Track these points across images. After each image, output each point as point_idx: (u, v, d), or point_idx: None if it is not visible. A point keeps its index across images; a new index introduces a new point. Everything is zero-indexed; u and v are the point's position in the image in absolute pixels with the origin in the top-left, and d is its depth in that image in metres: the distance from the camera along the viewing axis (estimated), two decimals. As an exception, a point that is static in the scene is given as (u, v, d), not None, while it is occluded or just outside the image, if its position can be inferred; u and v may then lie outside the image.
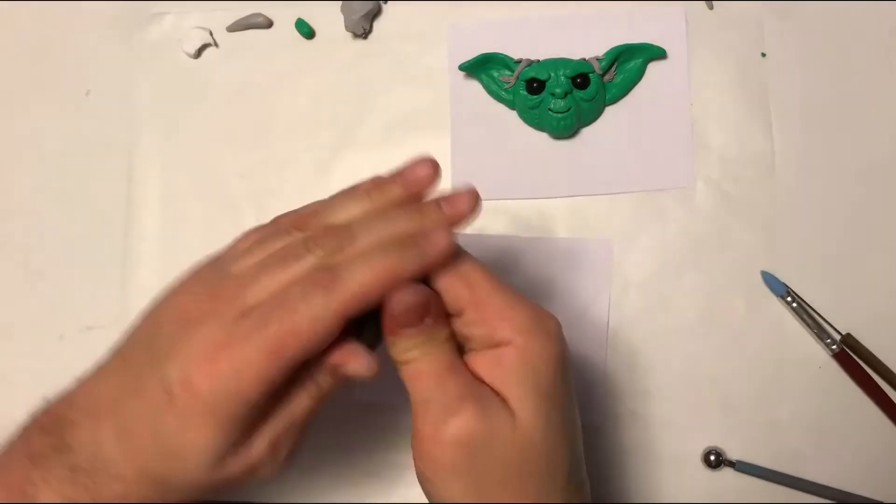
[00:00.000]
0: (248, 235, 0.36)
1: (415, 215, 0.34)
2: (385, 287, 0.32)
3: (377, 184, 0.36)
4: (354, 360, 0.33)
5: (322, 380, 0.34)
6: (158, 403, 0.32)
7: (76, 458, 0.32)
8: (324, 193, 0.51)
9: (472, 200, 0.34)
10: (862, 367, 0.47)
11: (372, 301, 0.32)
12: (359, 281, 0.32)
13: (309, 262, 0.33)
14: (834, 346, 0.47)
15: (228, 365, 0.31)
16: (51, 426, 0.34)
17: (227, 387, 0.31)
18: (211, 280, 0.34)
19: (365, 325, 0.34)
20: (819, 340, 0.47)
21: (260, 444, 0.33)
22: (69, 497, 0.32)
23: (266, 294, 0.32)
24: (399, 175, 0.36)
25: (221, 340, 0.31)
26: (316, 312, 0.31)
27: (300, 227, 0.35)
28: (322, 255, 0.33)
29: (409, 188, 0.35)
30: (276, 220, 0.37)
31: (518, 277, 0.49)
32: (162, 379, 0.32)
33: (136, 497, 0.32)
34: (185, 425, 0.31)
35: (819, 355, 0.48)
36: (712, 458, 0.46)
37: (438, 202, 0.35)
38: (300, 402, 0.34)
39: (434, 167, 0.35)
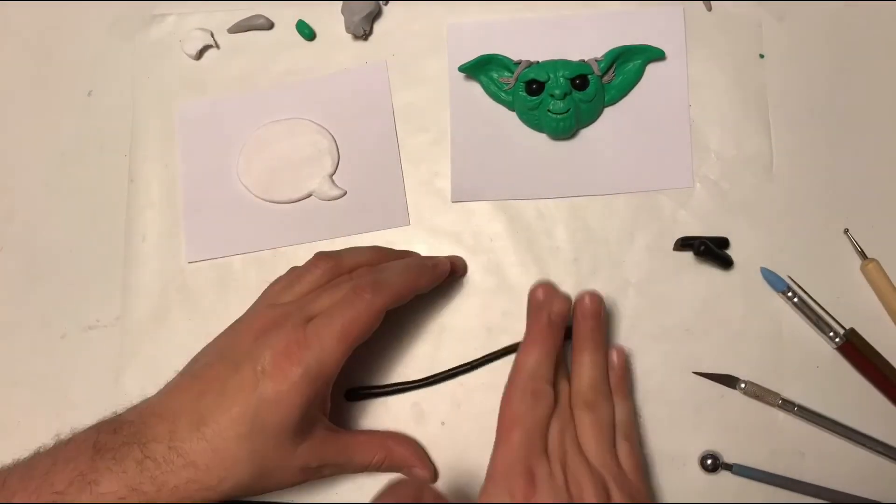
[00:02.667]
0: (278, 280, 0.46)
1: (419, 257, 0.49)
2: (412, 290, 0.44)
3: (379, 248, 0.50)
4: (423, 469, 0.46)
5: (385, 462, 0.45)
6: (248, 388, 0.39)
7: (147, 451, 0.39)
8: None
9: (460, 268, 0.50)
10: (868, 359, 0.47)
11: (404, 300, 0.44)
12: (396, 285, 0.43)
13: (349, 284, 0.43)
14: (837, 339, 0.47)
15: (309, 353, 0.40)
16: (120, 427, 0.40)
17: (309, 369, 0.39)
18: (272, 307, 0.44)
19: None
20: (822, 334, 0.47)
21: (321, 451, 0.42)
22: (133, 485, 0.38)
23: (325, 306, 0.42)
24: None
25: (299, 338, 0.40)
26: (368, 305, 0.41)
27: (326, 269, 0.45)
28: (362, 282, 0.43)
29: None
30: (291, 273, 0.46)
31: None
32: (253, 369, 0.39)
33: (203, 483, 0.39)
34: (275, 401, 0.39)
35: (818, 353, 0.48)
36: (709, 461, 0.46)
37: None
38: (362, 458, 0.45)
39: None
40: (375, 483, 0.47)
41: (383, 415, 0.49)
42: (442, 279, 0.48)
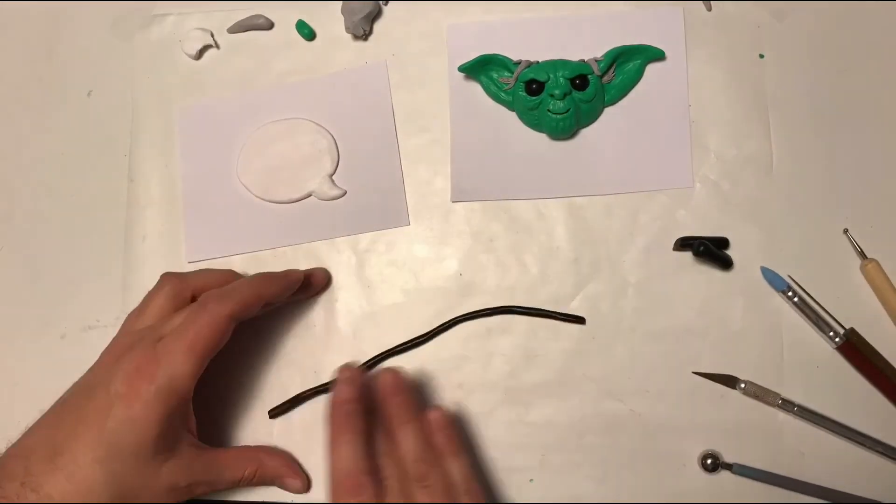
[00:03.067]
0: (134, 310, 0.46)
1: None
2: (259, 298, 0.45)
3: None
4: (294, 478, 0.47)
5: (257, 476, 0.46)
6: (103, 412, 0.40)
7: (2, 491, 0.38)
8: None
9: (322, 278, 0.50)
10: (868, 358, 0.47)
11: (251, 310, 0.44)
12: (241, 293, 0.44)
13: (197, 301, 0.44)
14: (837, 339, 0.47)
15: (160, 370, 0.40)
16: None
17: (160, 385, 0.40)
18: (127, 334, 0.45)
19: None
20: (822, 334, 0.47)
21: (187, 470, 0.42)
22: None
23: (175, 325, 0.43)
24: None
25: (149, 356, 0.41)
26: (213, 315, 0.42)
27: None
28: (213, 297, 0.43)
29: None
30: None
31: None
32: (106, 393, 0.40)
33: None
34: (129, 421, 0.39)
35: (818, 353, 0.48)
36: (709, 461, 0.46)
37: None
38: (232, 473, 0.45)
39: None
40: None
41: (315, 425, 0.47)
42: (294, 289, 0.47)
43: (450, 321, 0.49)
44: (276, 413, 0.49)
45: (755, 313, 0.48)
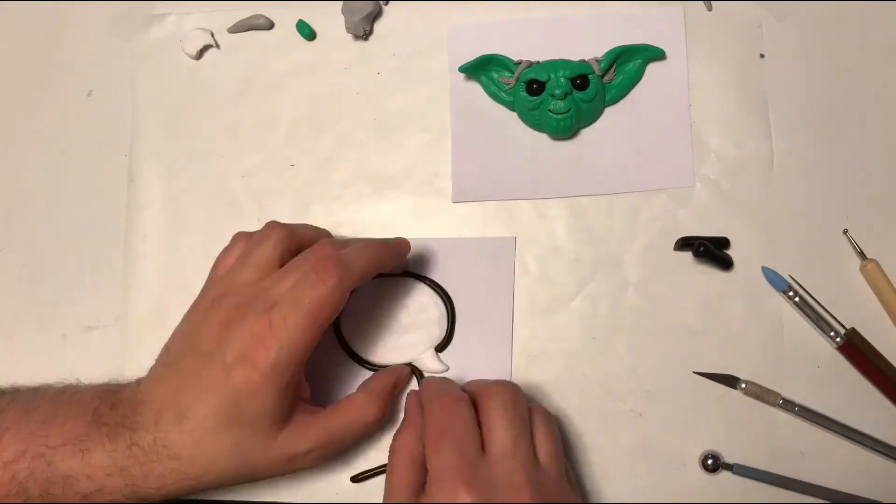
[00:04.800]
0: (228, 250, 0.45)
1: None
2: (376, 269, 0.43)
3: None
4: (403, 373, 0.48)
5: (384, 414, 0.44)
6: (221, 381, 0.39)
7: (136, 437, 0.39)
8: (324, 194, 0.52)
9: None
10: (868, 358, 0.47)
11: (368, 279, 0.43)
12: (360, 263, 0.42)
13: (310, 262, 0.42)
14: (838, 339, 0.47)
15: (276, 341, 0.39)
16: (117, 404, 0.40)
17: (278, 357, 0.39)
18: (232, 294, 0.42)
19: None
20: (822, 334, 0.47)
21: (305, 435, 0.41)
22: (122, 465, 0.39)
23: (287, 288, 0.41)
24: None
25: (265, 327, 0.39)
26: (333, 288, 0.40)
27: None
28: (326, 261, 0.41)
29: None
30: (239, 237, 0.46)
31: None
32: (222, 362, 0.39)
33: (186, 474, 0.39)
34: (248, 392, 0.39)
35: (819, 353, 0.48)
36: (709, 461, 0.46)
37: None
38: (350, 415, 0.43)
39: None
40: (377, 483, 0.47)
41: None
42: (404, 258, 0.47)
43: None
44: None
45: (756, 313, 0.48)
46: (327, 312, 0.40)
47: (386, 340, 0.49)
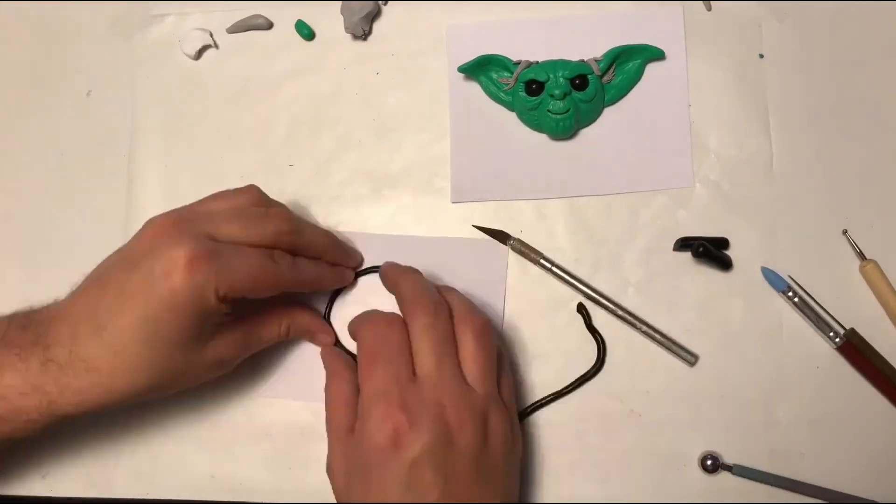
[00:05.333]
0: (215, 197, 0.45)
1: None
2: (315, 287, 0.47)
3: None
4: (325, 334, 0.48)
5: (291, 330, 0.46)
6: (146, 290, 0.38)
7: (50, 353, 0.39)
8: (324, 194, 0.52)
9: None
10: (868, 359, 0.47)
11: (305, 290, 0.46)
12: (307, 275, 0.45)
13: (270, 228, 0.43)
14: (838, 340, 0.47)
15: (207, 268, 0.39)
16: (28, 326, 0.40)
17: (207, 282, 0.39)
18: (182, 212, 0.43)
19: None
20: (822, 334, 0.47)
21: (229, 344, 0.43)
22: (36, 384, 0.38)
23: (234, 234, 0.41)
24: None
25: (200, 251, 0.39)
26: (278, 277, 0.42)
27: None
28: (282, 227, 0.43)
29: None
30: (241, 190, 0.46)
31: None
32: (150, 271, 0.39)
33: (107, 387, 0.39)
34: (172, 305, 0.38)
35: (818, 353, 0.48)
36: (709, 462, 0.46)
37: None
38: (269, 332, 0.45)
39: None
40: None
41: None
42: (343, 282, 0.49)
43: None
44: None
45: (755, 313, 0.48)
46: (260, 288, 0.41)
47: None
